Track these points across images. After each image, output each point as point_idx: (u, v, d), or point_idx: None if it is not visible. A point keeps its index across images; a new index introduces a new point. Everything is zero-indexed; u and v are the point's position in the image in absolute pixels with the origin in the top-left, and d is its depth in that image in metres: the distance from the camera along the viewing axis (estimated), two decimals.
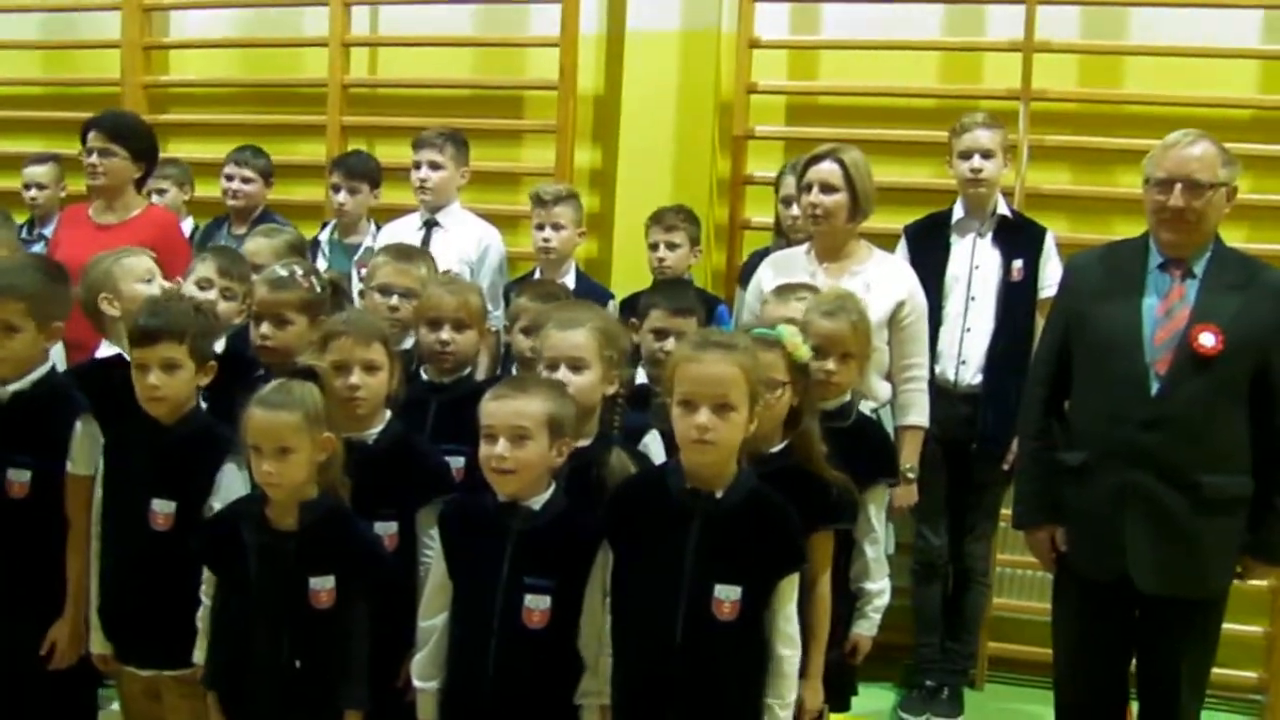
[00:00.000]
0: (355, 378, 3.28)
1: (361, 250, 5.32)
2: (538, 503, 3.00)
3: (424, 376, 3.75)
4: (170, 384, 3.28)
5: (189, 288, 3.94)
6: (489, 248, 5.12)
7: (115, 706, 3.66)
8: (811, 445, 3.20)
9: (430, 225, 5.18)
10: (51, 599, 3.47)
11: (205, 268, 4.00)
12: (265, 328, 3.64)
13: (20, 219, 6.03)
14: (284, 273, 3.70)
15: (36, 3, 7.03)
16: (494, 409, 2.97)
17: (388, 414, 3.38)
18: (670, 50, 5.64)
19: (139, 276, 3.85)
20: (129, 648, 3.40)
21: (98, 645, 3.43)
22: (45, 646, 3.46)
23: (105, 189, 4.85)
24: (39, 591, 3.47)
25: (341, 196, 5.44)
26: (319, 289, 3.72)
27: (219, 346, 3.67)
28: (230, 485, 3.28)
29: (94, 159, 4.81)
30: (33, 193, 6.07)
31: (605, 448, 3.24)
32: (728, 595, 2.88)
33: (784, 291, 3.86)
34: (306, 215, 5.91)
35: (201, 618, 3.19)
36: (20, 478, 3.44)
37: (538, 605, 2.95)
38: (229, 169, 5.68)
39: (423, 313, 3.76)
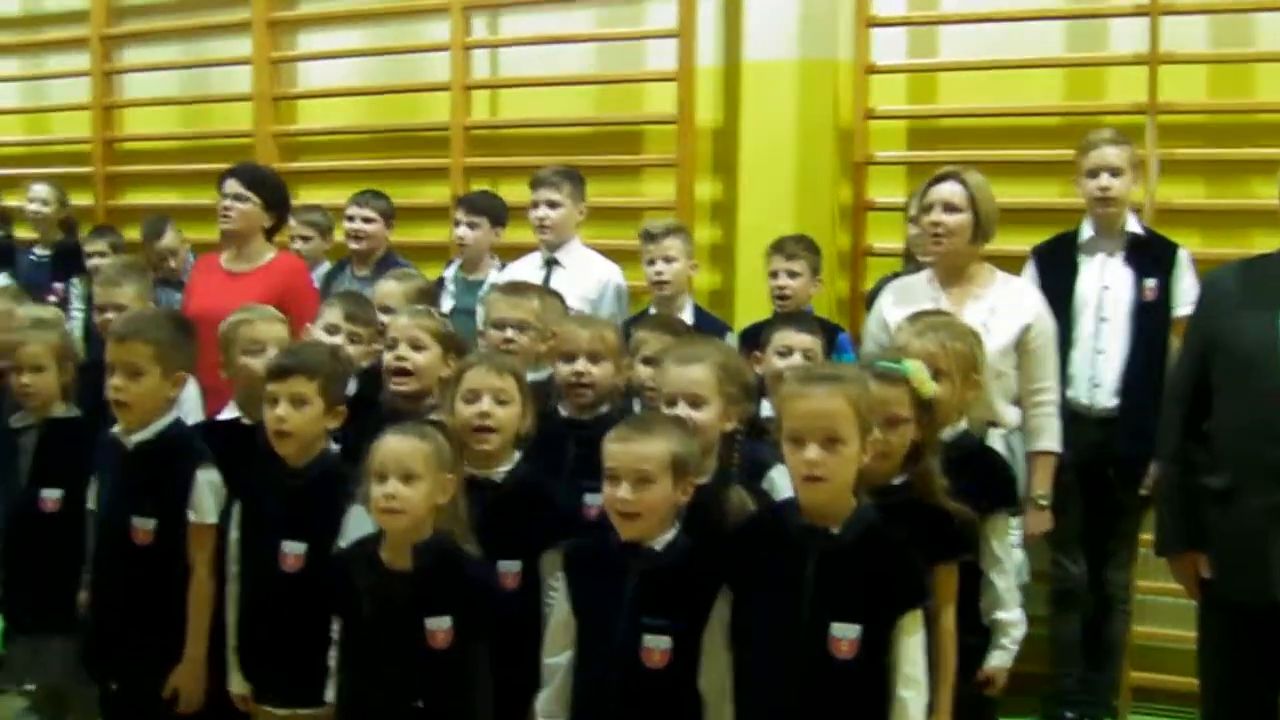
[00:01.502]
0: (486, 404, 3.30)
1: (485, 287, 5.37)
2: (660, 543, 2.98)
3: (562, 413, 3.74)
4: (296, 419, 3.34)
5: (317, 333, 4.02)
6: (609, 284, 5.14)
7: None
8: (932, 480, 3.13)
9: (551, 264, 5.21)
10: (176, 643, 3.55)
11: (333, 313, 4.08)
12: (403, 350, 3.70)
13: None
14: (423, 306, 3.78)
15: (174, 61, 7.27)
16: (616, 451, 2.96)
17: (516, 454, 3.39)
18: (788, 80, 5.61)
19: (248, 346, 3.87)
20: (266, 687, 3.46)
21: (236, 685, 3.50)
22: (168, 690, 3.54)
23: (235, 234, 4.97)
24: (163, 636, 3.54)
25: (462, 231, 5.52)
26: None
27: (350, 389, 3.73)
28: (358, 528, 3.31)
29: (227, 203, 4.94)
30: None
31: (724, 485, 3.21)
32: (845, 634, 2.80)
33: (915, 321, 3.78)
34: (431, 257, 6.01)
35: (333, 657, 3.22)
36: (145, 525, 3.54)
37: (658, 645, 2.93)
38: (350, 210, 5.79)
39: (557, 348, 3.77)
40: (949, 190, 4.26)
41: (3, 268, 6.71)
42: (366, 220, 5.74)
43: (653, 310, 4.94)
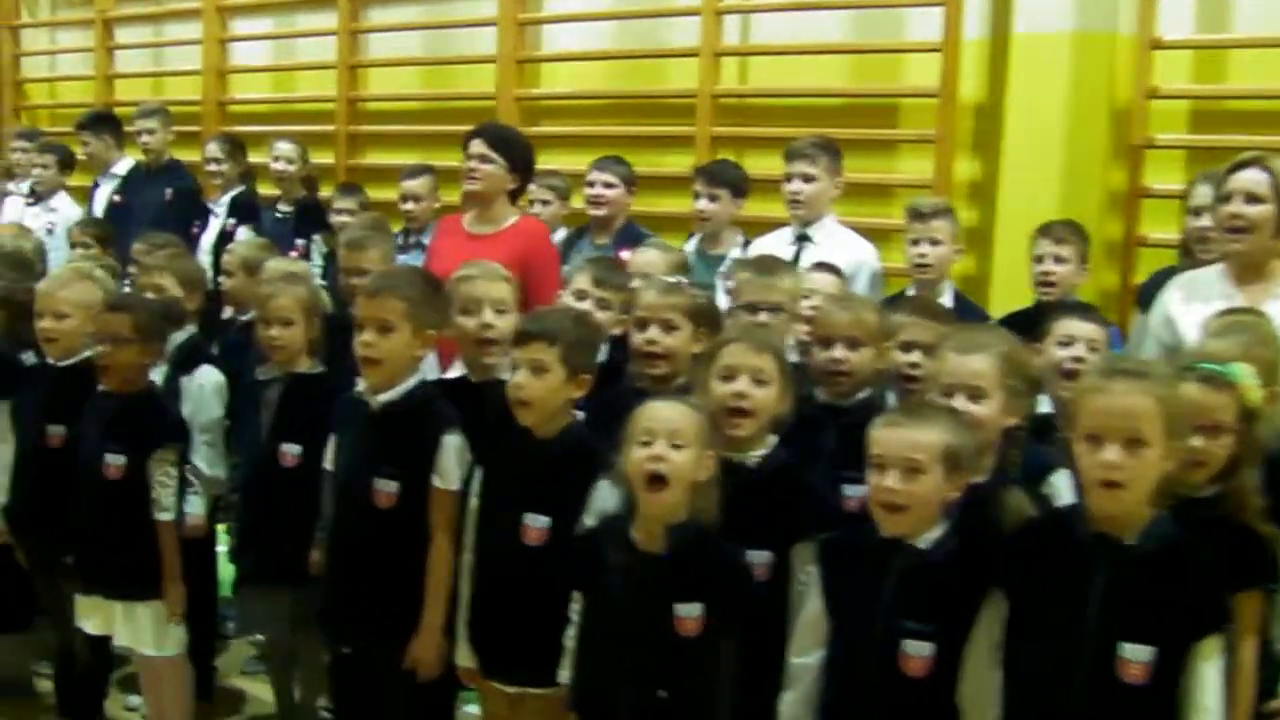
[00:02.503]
0: (743, 384, 3.10)
1: (727, 263, 5.17)
2: (925, 541, 2.76)
3: (820, 398, 3.52)
4: (535, 387, 3.19)
5: (566, 298, 3.87)
6: (863, 265, 4.87)
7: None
8: (1247, 496, 2.83)
9: (802, 240, 4.99)
10: (412, 610, 3.44)
11: (582, 278, 3.94)
12: (653, 332, 3.51)
13: (395, 229, 6.21)
14: (672, 279, 3.57)
15: (418, 21, 7.27)
16: (885, 437, 2.75)
17: (772, 439, 3.17)
18: (1060, 54, 5.27)
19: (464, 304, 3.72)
20: (495, 662, 3.33)
21: (464, 658, 3.38)
22: (408, 659, 3.44)
23: (479, 195, 4.87)
24: (400, 602, 3.45)
25: (703, 203, 5.30)
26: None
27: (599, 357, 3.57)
28: (605, 503, 3.14)
29: (473, 164, 4.84)
30: (409, 204, 6.21)
31: (1002, 486, 2.95)
32: (1137, 656, 2.56)
33: (1226, 319, 3.44)
34: (673, 228, 5.83)
35: (569, 637, 3.07)
36: (388, 488, 3.44)
37: (918, 652, 2.71)
38: (591, 176, 5.64)
39: (815, 331, 3.55)
40: (1252, 178, 3.88)
41: (247, 222, 6.78)
42: (607, 185, 5.58)
43: (910, 293, 4.66)
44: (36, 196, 7.48)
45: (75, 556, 3.98)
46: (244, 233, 6.69)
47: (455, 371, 3.75)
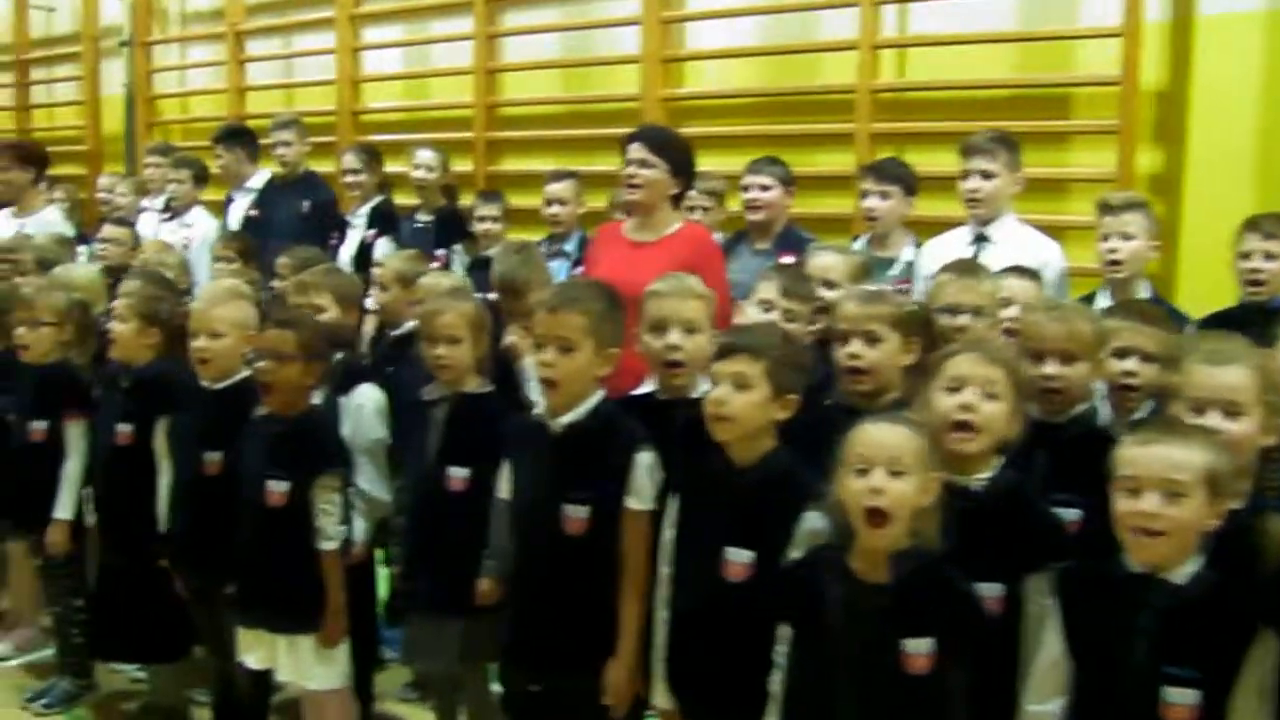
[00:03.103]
0: (969, 396, 2.84)
1: (899, 266, 4.90)
2: (1182, 575, 2.48)
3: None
4: (736, 403, 2.95)
5: (750, 310, 3.64)
6: (1048, 265, 4.56)
7: None
8: None
9: (980, 240, 4.70)
10: (605, 642, 3.24)
11: (769, 287, 3.70)
12: (856, 346, 3.25)
13: (538, 235, 6.03)
14: (874, 287, 3.32)
15: (556, 23, 7.08)
16: (1140, 457, 2.48)
17: (997, 460, 2.90)
18: (1252, 34, 4.93)
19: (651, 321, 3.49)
20: (696, 704, 3.10)
21: (661, 698, 3.16)
22: (603, 692, 3.24)
23: (640, 204, 4.65)
24: (593, 634, 3.25)
25: (872, 202, 5.04)
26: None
27: None
28: (813, 535, 2.89)
29: (632, 169, 4.63)
30: (553, 209, 6.02)
31: (1262, 512, 2.66)
32: None
33: None
34: (833, 229, 5.59)
35: (777, 682, 2.82)
36: (578, 514, 3.23)
37: (1182, 700, 2.43)
38: (746, 179, 5.41)
39: (1024, 344, 3.26)
40: None
41: (386, 233, 6.64)
42: (764, 188, 5.33)
43: (1103, 296, 4.35)
44: (172, 212, 7.42)
45: (236, 587, 3.83)
46: (384, 244, 6.58)
47: (646, 388, 3.53)
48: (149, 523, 4.19)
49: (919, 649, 2.61)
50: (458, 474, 3.71)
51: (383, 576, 4.36)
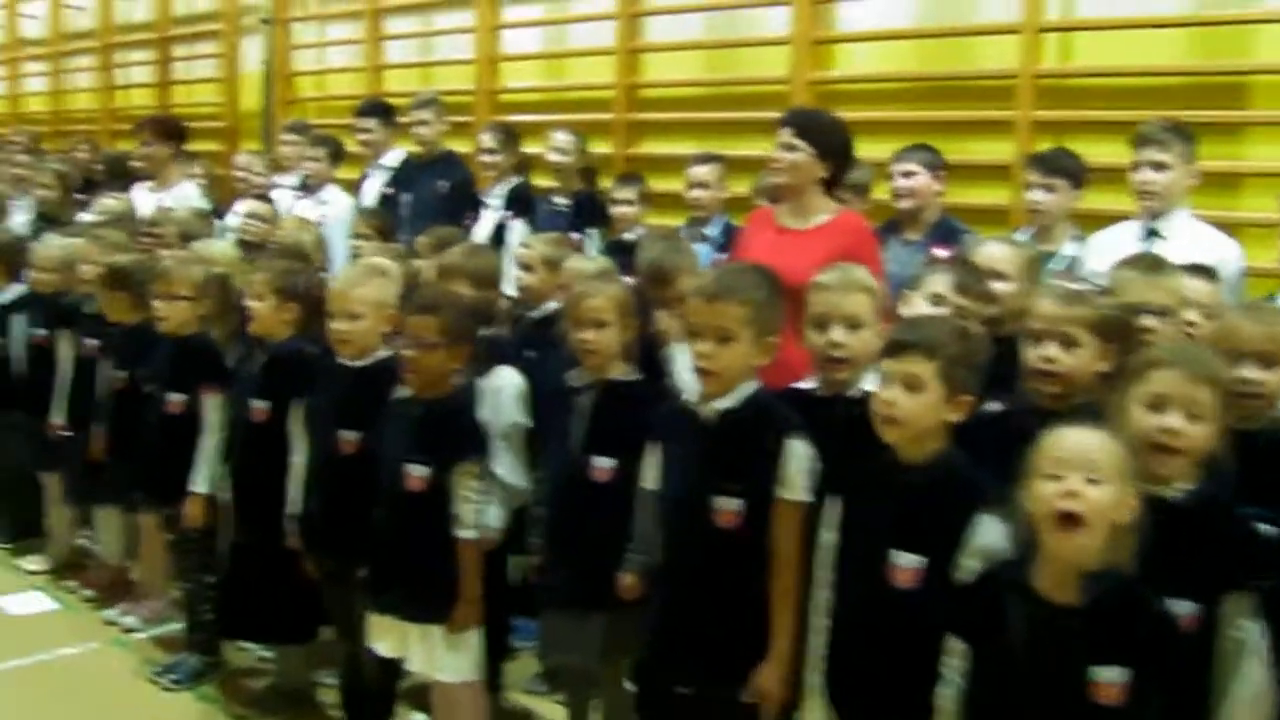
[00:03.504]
0: (1173, 419, 2.62)
1: (1061, 261, 4.65)
2: None
3: None
4: (907, 405, 2.78)
5: (918, 304, 3.43)
6: (1225, 263, 4.27)
7: None
8: None
9: (1151, 235, 4.43)
10: (758, 643, 3.07)
11: (940, 281, 3.50)
12: (1051, 349, 3.03)
13: (677, 220, 5.86)
14: (1074, 286, 3.09)
15: (702, 3, 6.90)
16: None
17: (1197, 470, 2.68)
18: None
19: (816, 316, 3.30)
20: (854, 718, 2.91)
21: (816, 714, 2.97)
22: (750, 693, 3.08)
23: (786, 188, 4.46)
24: (746, 634, 3.08)
25: (1037, 195, 4.80)
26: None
27: None
28: (988, 542, 2.70)
29: (778, 153, 4.43)
30: (695, 192, 5.86)
31: None
32: None
33: None
34: (987, 221, 5.34)
35: (945, 697, 2.64)
36: (730, 506, 3.08)
37: None
38: (895, 165, 5.20)
39: (1218, 346, 3.03)
40: None
41: (521, 215, 6.53)
42: (908, 174, 5.12)
43: None
44: (307, 189, 7.38)
45: (369, 572, 3.72)
46: (519, 226, 6.47)
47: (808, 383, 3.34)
48: (282, 502, 4.12)
49: (1111, 678, 2.41)
50: (603, 463, 3.59)
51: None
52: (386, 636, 3.72)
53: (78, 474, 5.40)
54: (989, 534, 2.70)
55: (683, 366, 3.59)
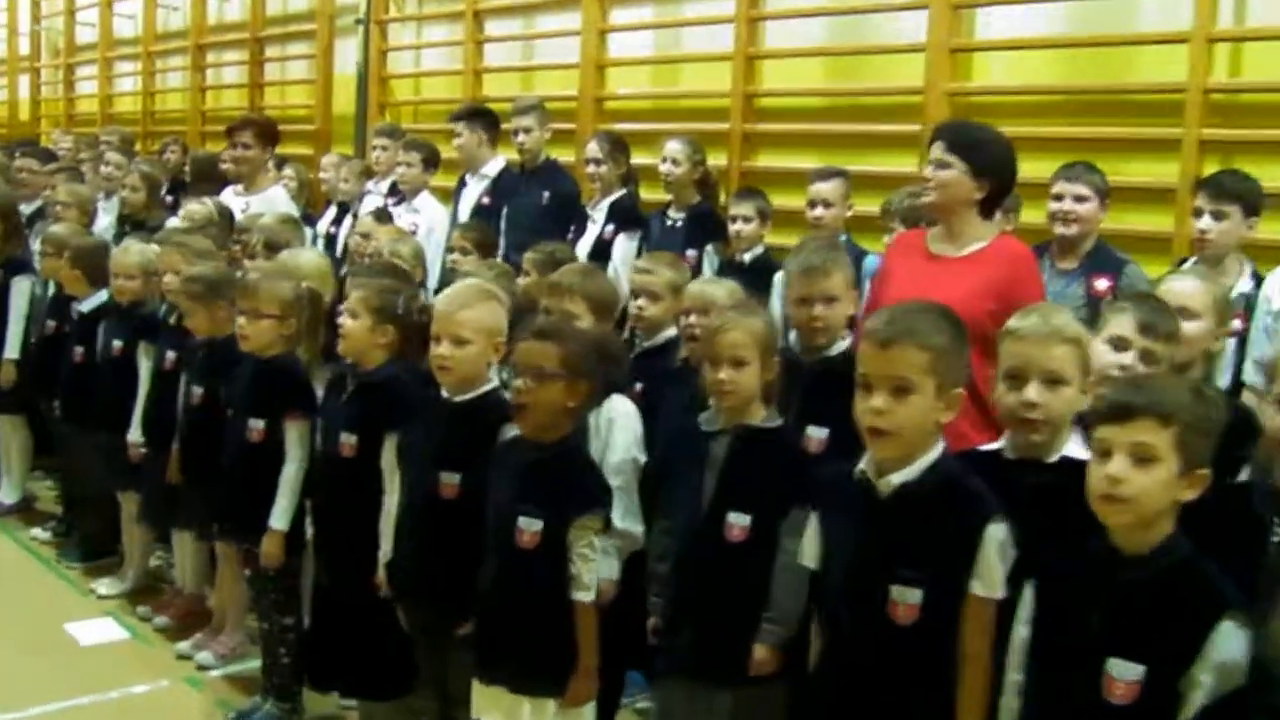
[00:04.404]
0: None
1: (1239, 299, 4.16)
2: None
3: None
4: (1138, 482, 2.31)
5: (1098, 349, 2.96)
6: None
7: None
8: None
9: None
10: None
11: (1124, 321, 3.03)
12: None
13: (796, 238, 5.42)
14: None
15: (824, 7, 6.44)
16: None
17: None
18: None
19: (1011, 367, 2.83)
20: None
21: None
22: None
23: (938, 209, 4.01)
24: None
25: (1205, 222, 4.32)
26: None
27: None
28: (1228, 656, 2.23)
29: (929, 170, 3.99)
30: (818, 211, 5.44)
31: None
32: None
33: None
34: (1146, 249, 4.87)
35: None
36: (908, 598, 2.60)
37: None
38: (1058, 187, 4.71)
39: None
40: None
41: (626, 229, 6.12)
42: (1079, 199, 4.63)
43: None
44: (399, 196, 7.03)
45: (475, 635, 3.31)
46: (622, 241, 6.12)
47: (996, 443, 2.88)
48: (371, 545, 3.74)
49: None
50: (738, 521, 3.18)
51: None
52: (493, 710, 3.29)
53: (155, 495, 5.09)
54: (1230, 646, 2.24)
55: None
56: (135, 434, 5.17)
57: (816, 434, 3.43)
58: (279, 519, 4.11)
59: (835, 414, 3.33)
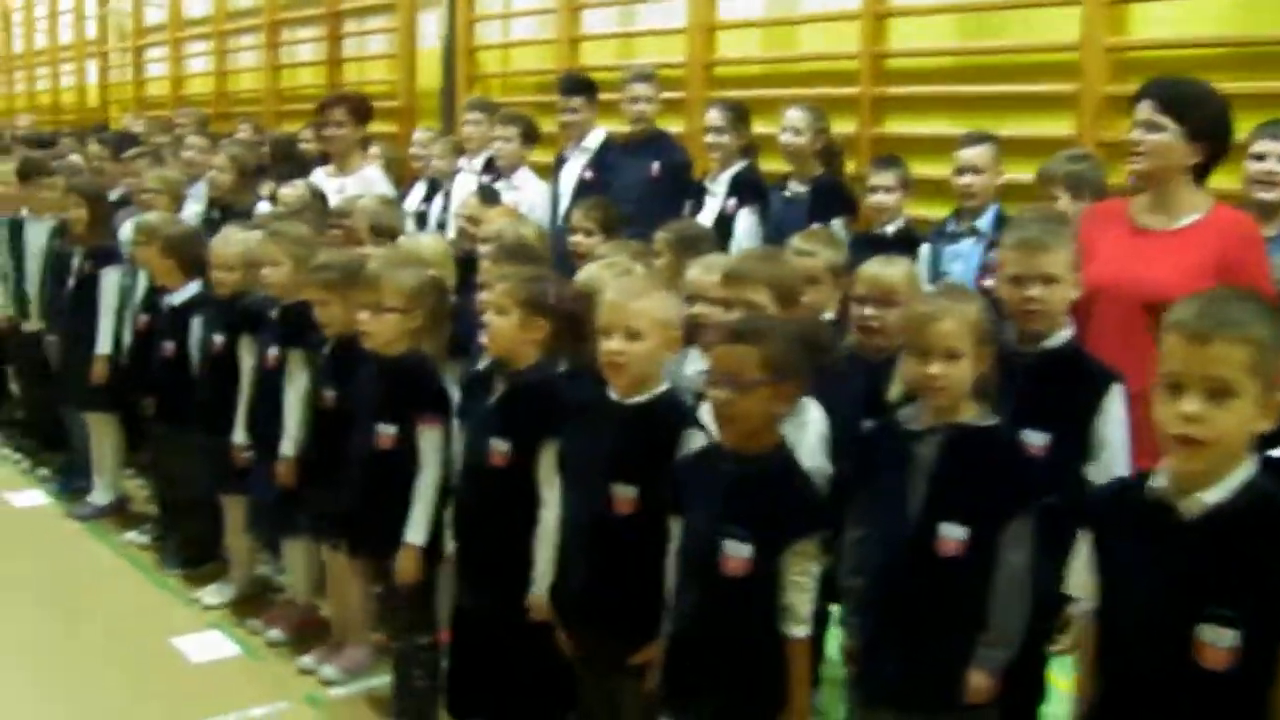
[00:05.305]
0: None
1: None
2: None
3: None
4: None
5: None
6: None
7: None
8: None
9: None
10: None
11: None
12: None
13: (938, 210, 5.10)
14: None
15: None
16: None
17: None
18: None
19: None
20: None
21: None
22: None
23: (1147, 174, 3.60)
24: None
25: None
26: None
27: None
28: None
29: (1136, 134, 3.58)
30: (966, 178, 5.05)
31: None
32: None
33: None
34: None
35: None
36: (1223, 640, 2.18)
37: None
38: (1258, 146, 4.32)
39: None
40: None
41: (749, 204, 5.73)
42: None
43: None
44: (495, 173, 6.66)
45: (668, 667, 2.93)
46: (745, 216, 5.75)
47: None
48: (523, 563, 3.37)
49: None
50: (952, 534, 2.78)
51: None
52: None
53: (265, 502, 4.74)
54: None
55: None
56: (240, 436, 4.84)
57: (1035, 439, 3.03)
58: (415, 533, 3.75)
59: (1058, 416, 3.03)
